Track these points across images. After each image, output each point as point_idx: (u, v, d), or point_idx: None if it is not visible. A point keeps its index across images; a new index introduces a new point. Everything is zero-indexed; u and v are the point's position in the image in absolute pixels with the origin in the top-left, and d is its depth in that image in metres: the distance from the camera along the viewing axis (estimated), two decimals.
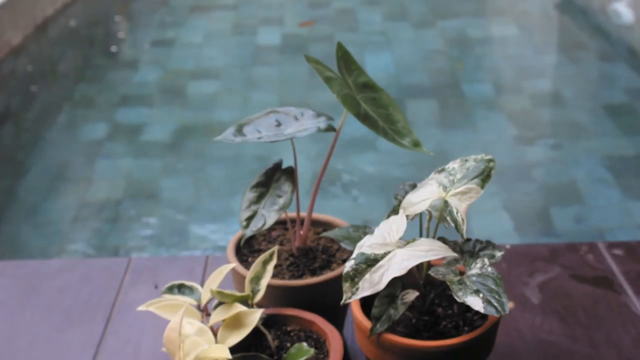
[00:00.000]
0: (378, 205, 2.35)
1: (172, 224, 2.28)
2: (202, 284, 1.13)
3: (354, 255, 0.78)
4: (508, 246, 1.21)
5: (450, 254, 0.78)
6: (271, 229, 1.02)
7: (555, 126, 2.96)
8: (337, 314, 0.94)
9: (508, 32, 3.93)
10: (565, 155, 2.69)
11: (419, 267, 0.86)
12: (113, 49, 3.89)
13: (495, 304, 0.75)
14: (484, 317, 0.86)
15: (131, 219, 2.31)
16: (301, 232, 0.96)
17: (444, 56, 3.56)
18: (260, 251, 0.98)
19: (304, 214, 0.98)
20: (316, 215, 1.02)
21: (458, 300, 0.76)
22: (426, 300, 0.86)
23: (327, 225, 1.02)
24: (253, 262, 0.96)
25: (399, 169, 2.54)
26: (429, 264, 0.85)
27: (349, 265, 0.77)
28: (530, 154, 2.68)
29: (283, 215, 1.03)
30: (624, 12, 4.06)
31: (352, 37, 3.68)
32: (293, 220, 1.01)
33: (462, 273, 0.81)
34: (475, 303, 0.75)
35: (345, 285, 0.76)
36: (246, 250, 0.99)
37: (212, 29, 4.04)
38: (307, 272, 0.94)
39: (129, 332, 1.04)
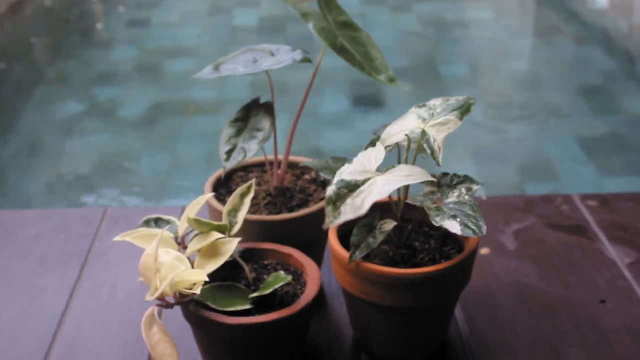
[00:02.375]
0: None
1: (147, 196, 2.27)
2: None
3: (334, 182, 0.78)
4: (484, 197, 1.22)
5: (429, 178, 0.79)
6: (249, 171, 1.02)
7: (530, 106, 2.99)
8: (313, 252, 0.94)
9: (485, 15, 3.95)
10: (540, 134, 2.71)
11: (398, 199, 0.86)
12: (89, 28, 3.86)
13: (473, 227, 0.76)
14: (460, 251, 0.87)
15: (103, 189, 2.30)
16: (279, 172, 0.96)
17: (421, 38, 3.57)
18: None
19: (281, 156, 0.98)
20: (294, 157, 1.02)
21: (435, 224, 0.76)
22: (403, 233, 0.86)
23: (305, 168, 1.02)
24: None
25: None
26: (406, 197, 0.85)
27: (330, 190, 0.77)
28: (506, 134, 2.70)
29: (261, 158, 1.03)
30: None
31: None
32: (271, 163, 1.01)
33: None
34: (453, 226, 0.76)
35: (328, 209, 0.76)
36: (224, 190, 0.98)
37: (188, 10, 4.01)
38: (284, 210, 0.94)
39: (104, 276, 1.03)
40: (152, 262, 0.76)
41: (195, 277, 0.75)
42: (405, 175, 0.78)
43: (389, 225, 0.82)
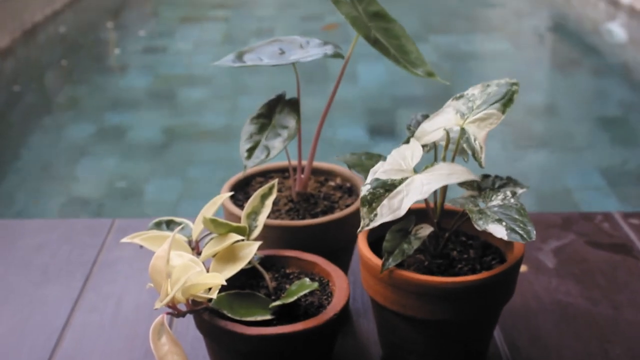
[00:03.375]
0: None
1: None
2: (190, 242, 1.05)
3: (368, 181, 0.70)
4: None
5: (472, 177, 0.71)
6: (269, 176, 0.95)
7: (549, 137, 2.92)
8: (339, 262, 0.86)
9: (502, 47, 3.91)
10: (560, 164, 2.64)
11: (434, 204, 0.78)
12: (102, 55, 3.83)
13: (520, 232, 0.68)
14: (502, 262, 0.79)
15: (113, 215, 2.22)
16: (302, 176, 0.88)
17: (437, 69, 3.52)
18: None
19: (304, 162, 0.91)
20: (317, 163, 0.94)
21: (478, 228, 0.68)
22: (440, 241, 0.79)
23: (329, 174, 0.95)
24: None
25: None
26: (444, 201, 0.78)
27: (365, 190, 0.69)
28: (525, 163, 2.63)
29: (282, 162, 0.96)
30: (617, 31, 4.05)
31: (345, 50, 3.64)
32: (293, 168, 0.93)
33: None
34: (498, 231, 0.68)
35: (363, 211, 0.68)
36: (241, 195, 0.91)
37: (203, 39, 3.99)
38: (307, 217, 0.86)
39: (110, 288, 0.96)
40: (163, 265, 0.69)
41: (212, 281, 0.68)
42: (446, 174, 0.70)
43: (425, 230, 0.75)
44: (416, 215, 0.77)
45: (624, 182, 2.48)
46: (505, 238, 0.68)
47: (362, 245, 0.77)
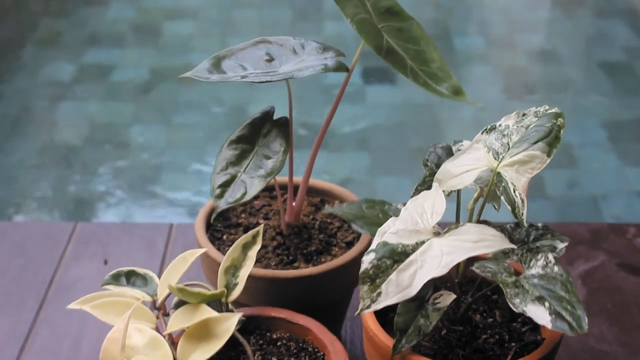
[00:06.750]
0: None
1: (141, 171, 2.03)
2: (163, 261, 0.90)
3: (373, 246, 0.55)
4: (540, 224, 0.99)
5: (508, 245, 0.57)
6: (254, 196, 0.80)
7: (547, 83, 2.75)
8: (337, 314, 0.72)
9: None
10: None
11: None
12: None
13: (568, 318, 0.54)
14: (535, 328, 0.65)
15: (96, 166, 2.06)
16: (293, 204, 0.73)
17: (435, 7, 3.32)
18: (238, 226, 0.76)
19: (297, 178, 0.76)
20: (312, 181, 0.79)
21: (515, 309, 0.54)
22: (461, 304, 0.64)
23: (326, 194, 0.80)
24: (228, 240, 0.74)
25: None
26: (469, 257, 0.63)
27: (367, 261, 0.55)
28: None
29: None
30: None
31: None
32: (282, 187, 0.78)
33: (516, 272, 0.59)
34: (540, 315, 0.54)
35: (364, 289, 0.54)
36: (220, 224, 0.76)
37: None
38: (299, 257, 0.71)
39: (66, 323, 0.81)
40: (117, 350, 0.54)
41: None
42: (474, 242, 0.56)
43: (446, 299, 0.60)
44: None
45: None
46: (549, 326, 0.54)
47: (367, 314, 0.63)
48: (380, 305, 0.54)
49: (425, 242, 0.56)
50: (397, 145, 2.18)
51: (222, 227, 0.76)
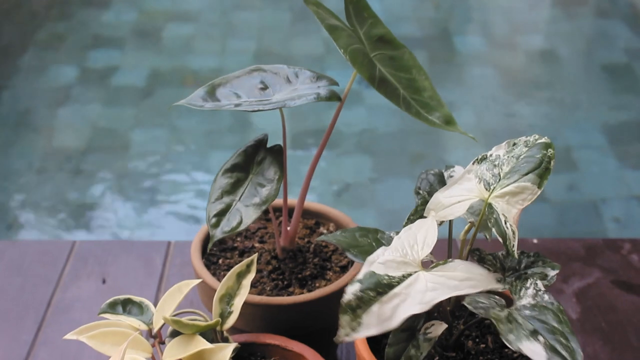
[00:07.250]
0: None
1: (141, 178, 2.04)
2: (161, 280, 0.91)
3: (360, 276, 0.56)
4: (535, 240, 1.00)
5: (496, 286, 0.57)
6: None
7: (549, 84, 2.75)
8: (331, 337, 0.73)
9: None
10: (558, 115, 2.48)
11: None
12: None
13: (563, 352, 0.54)
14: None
15: (96, 170, 2.07)
16: (288, 229, 0.74)
17: (434, 5, 3.31)
18: (234, 250, 0.76)
19: (292, 200, 0.76)
20: (307, 203, 0.80)
21: (510, 347, 0.55)
22: (453, 330, 0.65)
23: (320, 217, 0.81)
24: (224, 265, 0.74)
25: None
26: None
27: (351, 291, 0.55)
28: (522, 114, 2.47)
29: None
30: None
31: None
32: (277, 210, 0.79)
33: (507, 299, 0.60)
34: (536, 351, 0.54)
35: (344, 319, 0.54)
36: (216, 248, 0.76)
37: None
38: (294, 282, 0.72)
39: (65, 346, 0.82)
40: None
41: None
42: (460, 279, 0.56)
43: (437, 328, 0.61)
44: None
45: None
46: None
47: (359, 340, 0.64)
48: (359, 335, 0.54)
49: (412, 274, 0.56)
50: (398, 150, 2.18)
51: (217, 251, 0.76)
